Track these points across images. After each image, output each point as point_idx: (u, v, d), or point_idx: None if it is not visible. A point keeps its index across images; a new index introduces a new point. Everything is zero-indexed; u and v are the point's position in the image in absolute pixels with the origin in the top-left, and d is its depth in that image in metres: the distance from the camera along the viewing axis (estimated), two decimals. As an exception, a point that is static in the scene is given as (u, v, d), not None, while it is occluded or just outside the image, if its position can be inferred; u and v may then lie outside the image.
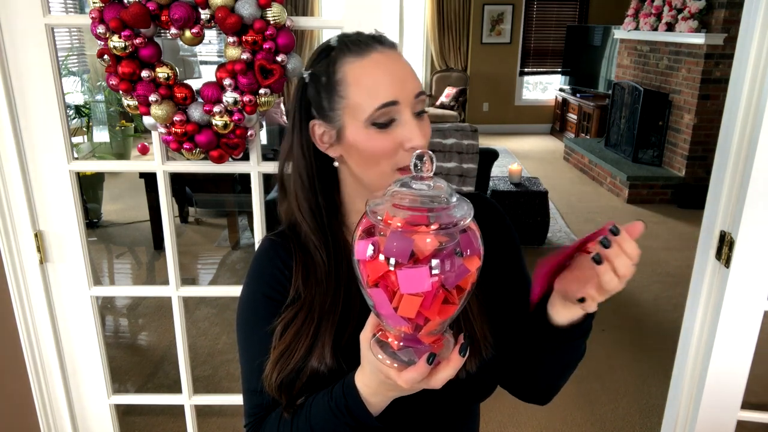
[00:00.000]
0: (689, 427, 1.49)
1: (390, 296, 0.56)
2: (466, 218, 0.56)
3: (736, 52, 1.30)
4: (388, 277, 0.56)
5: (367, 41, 0.78)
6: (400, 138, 0.75)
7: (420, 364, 0.59)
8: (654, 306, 3.29)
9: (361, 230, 0.59)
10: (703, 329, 1.43)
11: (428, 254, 0.54)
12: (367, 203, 0.59)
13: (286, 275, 0.82)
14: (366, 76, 0.75)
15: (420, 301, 0.55)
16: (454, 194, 0.58)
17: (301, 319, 0.78)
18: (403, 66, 0.78)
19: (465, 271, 0.57)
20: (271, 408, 0.82)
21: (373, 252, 0.56)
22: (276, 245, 0.85)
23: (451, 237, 0.55)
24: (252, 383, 0.82)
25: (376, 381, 0.65)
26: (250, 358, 0.82)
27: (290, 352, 0.77)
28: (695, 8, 4.65)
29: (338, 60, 0.76)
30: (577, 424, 2.33)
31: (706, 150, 4.88)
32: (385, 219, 0.56)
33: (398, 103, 0.74)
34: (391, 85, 0.74)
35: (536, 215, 4.06)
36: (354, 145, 0.77)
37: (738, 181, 1.31)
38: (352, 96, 0.75)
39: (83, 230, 1.42)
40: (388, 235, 0.55)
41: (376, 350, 0.62)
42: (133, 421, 2.30)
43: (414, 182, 0.58)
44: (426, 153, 0.59)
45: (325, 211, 0.83)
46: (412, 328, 0.58)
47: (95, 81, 5.26)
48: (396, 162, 0.76)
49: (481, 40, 7.95)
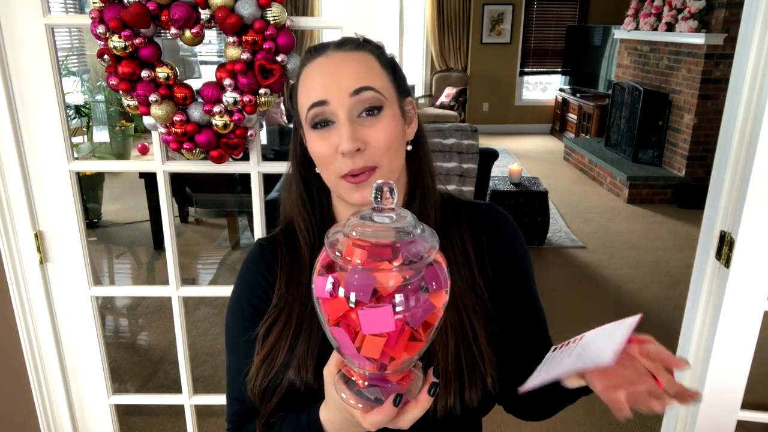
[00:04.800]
0: (689, 427, 1.49)
1: (352, 336, 0.53)
2: (432, 251, 0.52)
3: (736, 52, 1.30)
4: (349, 316, 0.52)
5: (324, 47, 0.76)
6: (336, 142, 0.71)
7: (386, 406, 0.56)
8: (654, 306, 3.28)
9: (320, 265, 0.55)
10: (703, 329, 1.43)
11: (391, 291, 0.50)
12: (326, 235, 0.55)
13: (269, 282, 0.82)
14: (306, 79, 0.75)
15: (384, 341, 0.51)
16: (418, 225, 0.54)
17: (282, 322, 0.77)
18: (345, 65, 0.73)
19: (431, 307, 0.53)
20: (249, 417, 0.82)
21: (332, 288, 0.52)
22: (264, 251, 0.85)
23: (417, 271, 0.52)
24: (233, 390, 0.83)
25: (341, 418, 0.63)
26: (234, 364, 0.82)
27: (273, 355, 0.76)
28: (695, 8, 4.65)
29: (300, 67, 0.78)
30: (577, 424, 2.33)
31: (706, 150, 4.87)
32: (344, 254, 0.51)
33: (328, 103, 0.71)
34: (321, 85, 0.72)
35: (536, 215, 4.06)
36: (309, 150, 0.77)
37: (738, 181, 1.31)
38: (300, 100, 0.76)
39: (83, 230, 1.42)
40: (348, 272, 0.51)
41: (341, 388, 0.59)
42: (133, 421, 2.30)
43: (375, 214, 0.54)
44: (386, 184, 0.54)
45: (315, 214, 0.83)
46: (377, 368, 0.55)
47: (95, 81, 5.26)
48: (337, 169, 0.72)
49: (481, 40, 7.95)
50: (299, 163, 0.83)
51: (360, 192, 0.73)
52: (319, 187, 0.83)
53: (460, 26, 7.86)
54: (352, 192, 0.73)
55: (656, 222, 4.68)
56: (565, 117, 7.79)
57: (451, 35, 7.90)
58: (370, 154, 0.72)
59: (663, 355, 0.58)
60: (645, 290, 3.48)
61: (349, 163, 0.71)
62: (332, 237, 0.54)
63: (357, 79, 0.72)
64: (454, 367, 0.72)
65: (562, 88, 7.96)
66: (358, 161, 0.71)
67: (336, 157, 0.72)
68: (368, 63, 0.74)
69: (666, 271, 3.74)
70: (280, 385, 0.75)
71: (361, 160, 0.71)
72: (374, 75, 0.73)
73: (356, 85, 0.71)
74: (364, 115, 0.72)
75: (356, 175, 0.72)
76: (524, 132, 8.32)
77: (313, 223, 0.82)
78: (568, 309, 3.20)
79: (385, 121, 0.73)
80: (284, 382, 0.74)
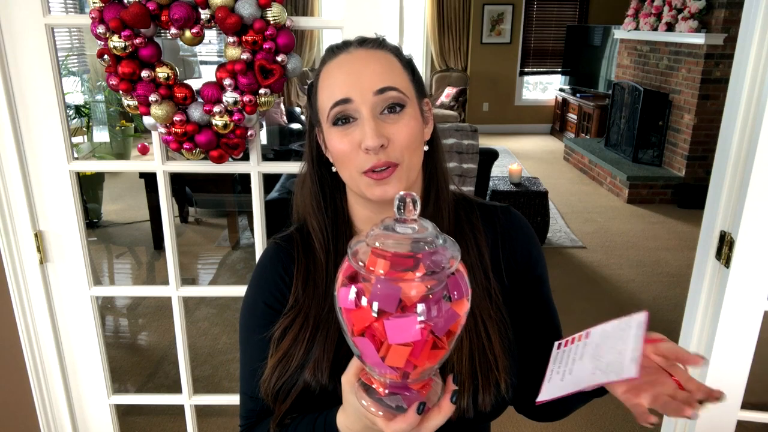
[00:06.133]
0: (689, 427, 1.49)
1: (377, 345, 0.53)
2: (453, 261, 0.53)
3: (736, 52, 1.30)
4: (373, 326, 0.53)
5: (346, 44, 0.77)
6: (359, 138, 0.72)
7: (409, 414, 0.56)
8: (654, 306, 3.29)
9: (343, 276, 0.55)
10: (703, 329, 1.43)
11: (415, 301, 0.51)
12: (349, 245, 0.56)
13: (286, 282, 0.82)
14: (328, 77, 0.75)
15: (409, 351, 0.52)
16: (440, 236, 0.55)
17: (298, 324, 0.77)
18: (367, 64, 0.73)
19: (454, 315, 0.54)
20: (263, 415, 0.81)
21: (356, 298, 0.53)
22: (280, 250, 0.85)
23: (439, 281, 0.53)
24: (247, 387, 0.82)
25: (360, 425, 0.63)
26: (248, 362, 0.82)
27: (288, 358, 0.76)
28: (695, 8, 4.65)
29: (321, 66, 0.78)
30: (577, 424, 2.33)
31: (706, 150, 4.87)
32: (367, 265, 0.52)
33: (351, 101, 0.72)
34: (344, 83, 0.73)
35: (536, 215, 4.06)
36: (329, 147, 0.77)
37: (738, 181, 1.31)
38: (320, 98, 0.76)
39: (83, 230, 1.42)
40: (373, 283, 0.52)
41: (361, 395, 0.59)
42: (133, 421, 2.30)
43: (398, 225, 0.55)
44: (408, 195, 0.55)
45: (328, 215, 0.83)
46: (399, 376, 0.55)
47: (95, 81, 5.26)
48: (359, 164, 0.73)
49: (481, 40, 7.95)
50: (314, 161, 0.83)
51: (381, 187, 0.73)
52: (333, 186, 0.84)
53: (460, 26, 7.86)
54: (373, 187, 0.74)
55: (656, 222, 4.68)
56: (565, 117, 7.79)
57: (451, 35, 7.90)
58: (393, 150, 0.72)
59: (678, 352, 0.58)
60: (645, 290, 3.48)
61: (373, 158, 0.72)
62: (355, 247, 0.55)
63: (381, 78, 0.73)
64: (468, 371, 0.73)
65: (562, 88, 7.96)
66: (382, 157, 0.72)
67: (358, 153, 0.73)
68: (390, 63, 0.75)
69: (666, 271, 3.74)
70: (295, 387, 0.75)
71: (384, 156, 0.72)
72: (396, 75, 0.74)
73: (380, 85, 0.72)
74: (386, 112, 0.73)
75: (377, 171, 0.73)
76: (524, 132, 8.32)
77: (327, 224, 0.82)
78: (568, 309, 3.20)
79: (406, 118, 0.74)
80: (299, 384, 0.75)
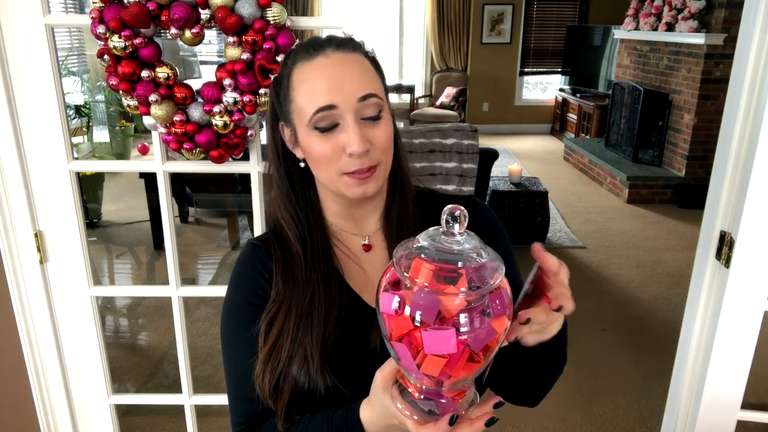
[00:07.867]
0: (689, 427, 1.49)
1: (414, 353, 0.54)
2: (497, 276, 0.53)
3: (736, 52, 1.30)
4: (412, 333, 0.53)
5: (320, 44, 0.77)
6: (342, 142, 0.74)
7: (441, 423, 0.57)
8: (654, 306, 3.28)
9: (386, 281, 0.56)
10: (703, 329, 1.43)
11: (455, 314, 0.52)
12: (394, 252, 0.56)
13: (266, 278, 0.82)
14: (306, 80, 0.75)
15: (444, 362, 0.53)
16: (485, 250, 0.55)
17: (282, 315, 0.78)
18: (347, 69, 0.75)
19: (493, 332, 0.54)
20: (261, 417, 0.80)
21: (398, 307, 0.54)
22: (257, 250, 0.85)
23: (480, 296, 0.53)
24: (240, 390, 0.81)
25: (386, 422, 0.64)
26: (238, 364, 0.81)
27: (278, 349, 0.76)
28: (695, 8, 4.65)
29: (292, 64, 0.78)
30: (577, 424, 2.33)
31: (706, 150, 4.87)
32: (411, 275, 0.53)
33: (336, 107, 0.73)
34: (327, 89, 0.73)
35: (536, 215, 4.06)
36: (304, 147, 0.78)
37: (738, 181, 1.31)
38: (297, 99, 0.76)
39: (83, 230, 1.42)
40: (415, 293, 0.53)
41: (395, 395, 0.60)
42: (133, 421, 2.30)
43: (444, 237, 0.55)
44: (457, 208, 0.55)
45: (301, 208, 0.84)
46: (434, 384, 0.56)
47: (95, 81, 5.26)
48: (340, 167, 0.75)
49: (481, 40, 7.94)
50: (280, 158, 0.84)
51: (362, 187, 0.76)
52: (302, 180, 0.85)
53: (460, 26, 7.85)
54: (355, 187, 0.76)
55: (656, 222, 4.68)
56: (565, 117, 7.78)
57: (451, 35, 7.89)
58: (374, 153, 0.75)
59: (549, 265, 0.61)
60: (645, 290, 3.48)
61: (357, 162, 0.74)
62: (399, 254, 0.56)
63: (361, 84, 0.74)
64: None
65: (562, 88, 7.95)
66: (365, 161, 0.75)
67: (341, 156, 0.75)
68: (367, 68, 0.77)
69: (666, 271, 3.74)
70: (288, 380, 0.75)
71: (368, 160, 0.75)
72: (373, 80, 0.77)
73: (363, 92, 0.74)
74: (367, 118, 0.75)
75: (359, 172, 0.75)
76: (524, 132, 8.32)
77: (300, 216, 0.83)
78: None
79: (385, 122, 0.77)
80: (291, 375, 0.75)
